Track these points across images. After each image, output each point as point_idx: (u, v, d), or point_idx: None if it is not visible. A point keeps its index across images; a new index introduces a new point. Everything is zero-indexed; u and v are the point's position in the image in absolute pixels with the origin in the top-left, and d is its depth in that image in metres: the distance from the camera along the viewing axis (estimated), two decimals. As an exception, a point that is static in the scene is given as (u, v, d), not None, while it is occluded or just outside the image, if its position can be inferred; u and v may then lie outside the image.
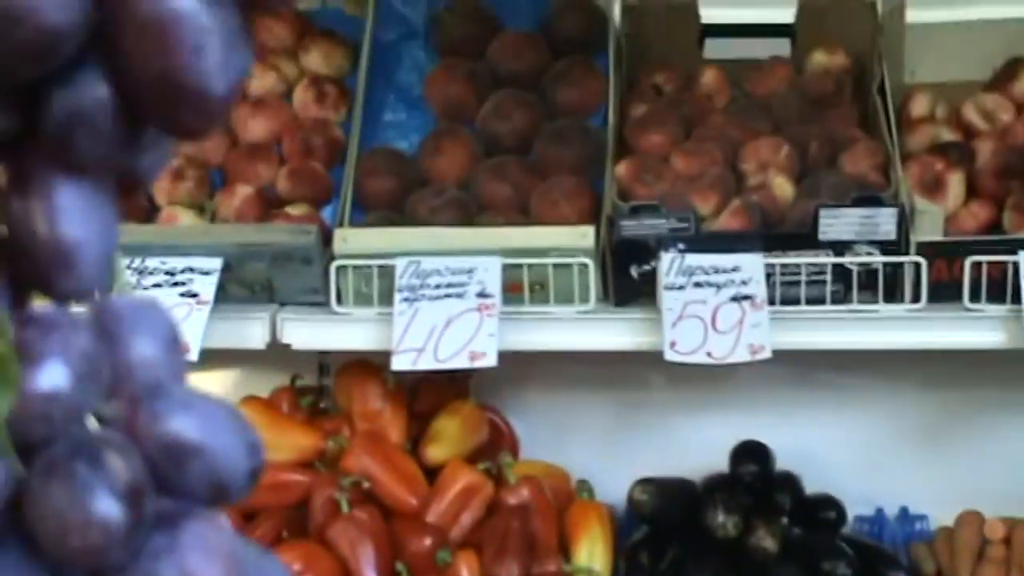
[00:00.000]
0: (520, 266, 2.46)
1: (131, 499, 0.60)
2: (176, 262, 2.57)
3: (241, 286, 2.63)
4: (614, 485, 2.87)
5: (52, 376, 0.57)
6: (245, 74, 0.62)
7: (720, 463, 2.88)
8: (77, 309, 0.61)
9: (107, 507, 0.59)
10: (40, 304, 0.60)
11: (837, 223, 2.51)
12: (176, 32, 0.60)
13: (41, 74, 0.59)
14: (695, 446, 2.93)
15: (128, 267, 2.57)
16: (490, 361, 2.36)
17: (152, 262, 2.57)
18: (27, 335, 0.56)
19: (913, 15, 2.90)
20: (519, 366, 2.56)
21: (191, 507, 0.64)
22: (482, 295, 2.43)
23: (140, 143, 0.62)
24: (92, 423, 0.62)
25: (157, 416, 0.63)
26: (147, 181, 0.64)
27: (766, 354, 2.42)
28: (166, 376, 0.65)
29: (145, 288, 2.56)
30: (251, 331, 2.58)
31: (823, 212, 2.50)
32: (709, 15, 2.92)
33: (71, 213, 0.60)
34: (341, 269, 2.53)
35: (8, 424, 0.56)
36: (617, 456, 2.92)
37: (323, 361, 3.03)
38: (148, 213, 2.72)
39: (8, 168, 0.61)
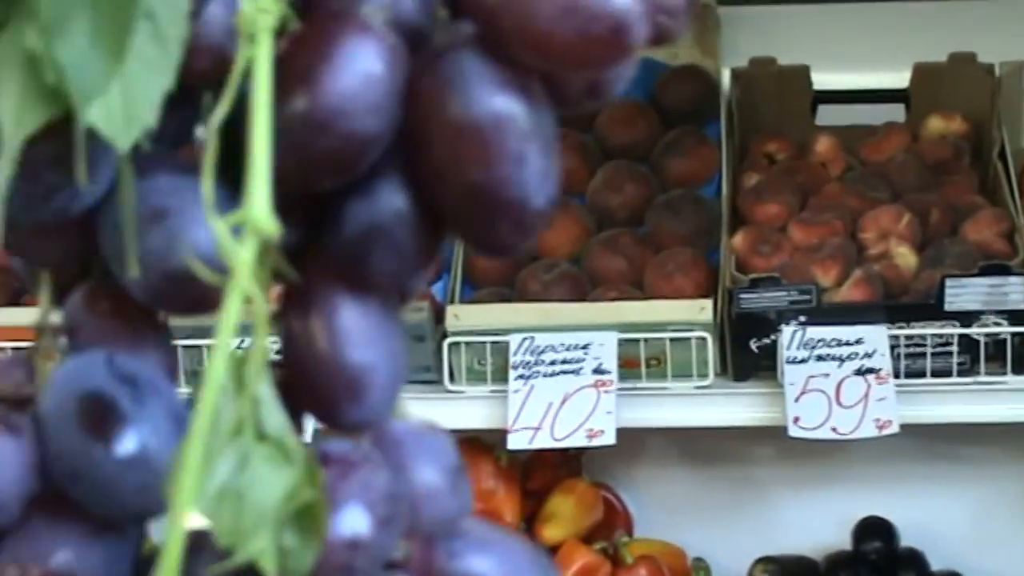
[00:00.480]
0: (636, 341, 2.44)
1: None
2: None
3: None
4: (732, 564, 2.85)
5: (354, 522, 0.54)
6: (559, 183, 0.59)
7: (842, 541, 2.86)
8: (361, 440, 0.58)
9: None
10: (329, 437, 0.57)
11: (964, 293, 2.49)
12: (499, 139, 0.57)
13: (339, 185, 0.57)
14: (815, 523, 2.90)
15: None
16: (608, 439, 2.35)
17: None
18: (326, 476, 0.53)
19: None
20: (631, 442, 2.55)
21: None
22: (598, 371, 2.41)
23: (432, 258, 0.60)
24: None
25: (454, 557, 0.61)
26: (412, 295, 0.62)
27: (893, 429, 2.40)
28: (455, 509, 0.63)
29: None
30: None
31: (949, 282, 2.47)
32: (821, 80, 2.91)
33: (359, 334, 0.57)
34: (453, 346, 2.51)
35: None
36: (734, 534, 2.89)
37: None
38: None
39: (285, 282, 0.58)
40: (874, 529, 2.83)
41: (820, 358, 2.43)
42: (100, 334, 0.61)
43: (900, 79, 2.90)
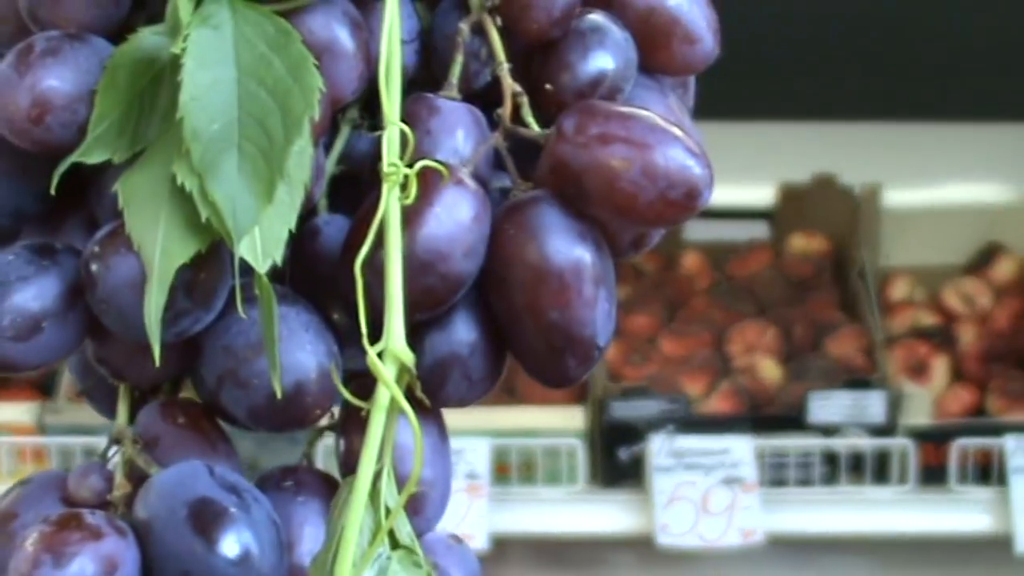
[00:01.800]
0: (509, 447, 2.48)
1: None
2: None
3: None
4: None
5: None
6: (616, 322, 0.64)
7: None
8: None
9: None
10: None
11: (827, 405, 2.55)
12: (576, 284, 0.62)
13: (426, 318, 0.62)
14: None
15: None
16: (480, 544, 2.38)
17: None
18: None
19: (889, 198, 2.95)
20: (500, 548, 2.57)
21: None
22: (471, 476, 2.43)
23: (495, 383, 0.65)
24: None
25: None
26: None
27: (758, 537, 2.44)
28: None
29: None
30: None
31: (813, 395, 2.55)
32: None
33: (426, 453, 0.62)
34: None
35: None
36: None
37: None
38: None
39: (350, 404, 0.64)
40: None
41: (688, 467, 2.46)
42: (180, 444, 0.65)
43: (765, 197, 2.98)
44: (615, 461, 2.50)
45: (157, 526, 0.61)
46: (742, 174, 2.92)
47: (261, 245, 0.59)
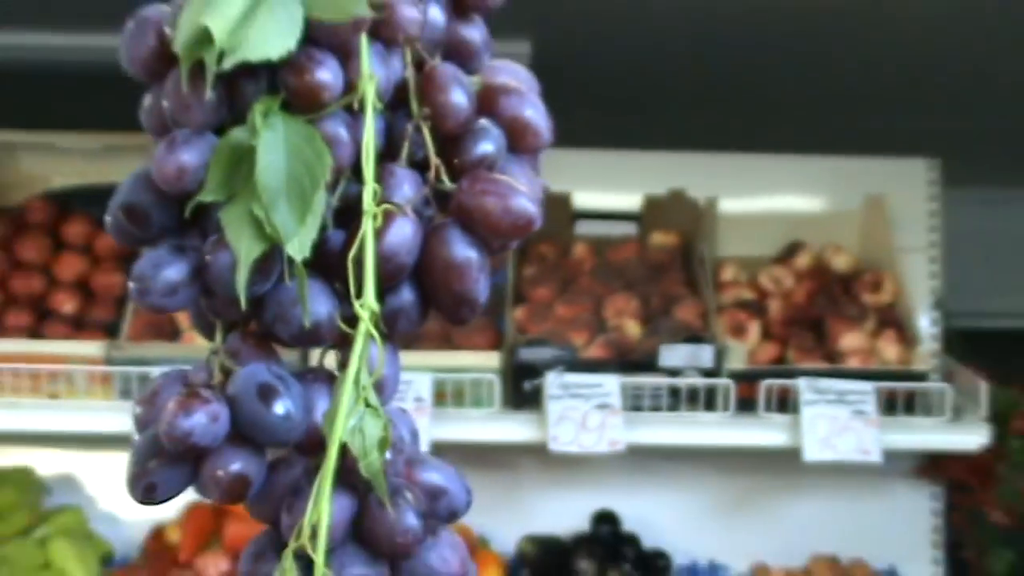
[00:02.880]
0: (446, 380, 2.51)
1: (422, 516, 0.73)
2: (188, 366, 2.57)
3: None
4: (505, 540, 2.90)
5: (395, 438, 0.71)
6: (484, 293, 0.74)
7: (583, 526, 2.93)
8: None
9: (414, 519, 0.72)
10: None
11: (673, 354, 2.61)
12: (468, 270, 0.73)
13: (386, 287, 0.72)
14: (565, 513, 2.94)
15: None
16: (423, 449, 2.42)
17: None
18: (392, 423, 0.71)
19: (722, 207, 2.97)
20: (438, 453, 2.58)
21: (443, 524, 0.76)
22: (418, 399, 2.45)
23: (423, 324, 0.76)
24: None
25: (421, 471, 0.77)
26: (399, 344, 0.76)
27: (621, 447, 2.49)
28: (418, 452, 0.78)
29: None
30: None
31: (663, 347, 2.60)
32: (579, 202, 2.98)
33: (385, 360, 0.72)
34: None
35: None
36: (508, 519, 2.92)
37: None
38: (171, 335, 2.74)
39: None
40: (605, 518, 2.94)
41: (572, 396, 2.52)
42: (252, 354, 0.75)
43: (634, 204, 3.01)
44: (521, 391, 2.55)
45: (238, 398, 0.72)
46: (618, 188, 3.04)
47: (298, 247, 0.70)
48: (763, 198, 3.15)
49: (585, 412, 2.53)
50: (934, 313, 3.03)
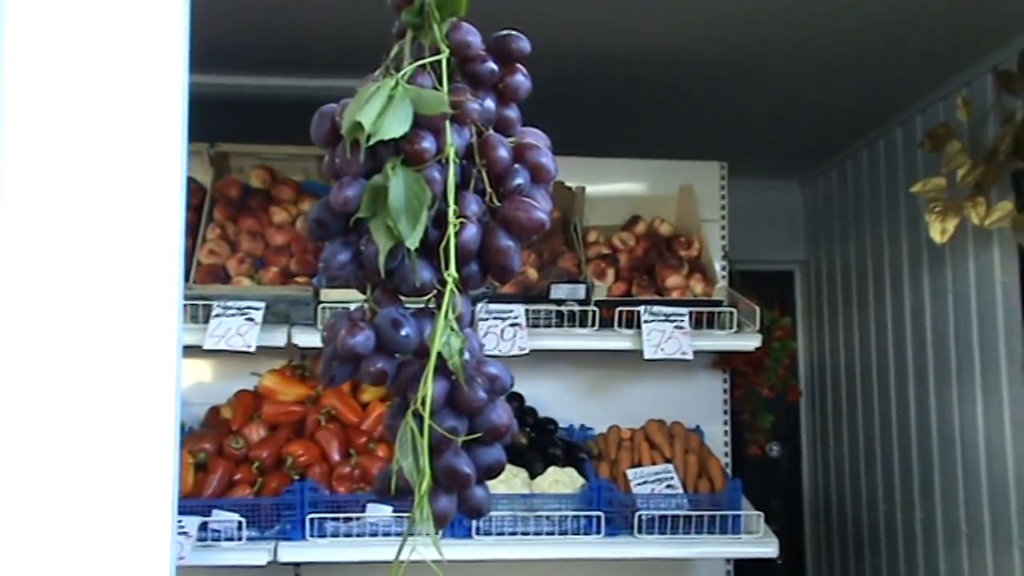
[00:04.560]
0: None
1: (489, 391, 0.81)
2: (241, 304, 2.54)
3: (274, 316, 2.59)
4: None
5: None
6: (521, 265, 0.81)
7: None
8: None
9: (482, 393, 0.80)
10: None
11: (559, 290, 2.66)
12: (509, 253, 0.80)
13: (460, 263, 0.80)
14: None
15: (220, 306, 2.52)
16: None
17: (230, 304, 2.55)
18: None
19: (589, 192, 2.99)
20: None
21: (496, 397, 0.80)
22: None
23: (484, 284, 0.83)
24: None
25: (485, 366, 0.81)
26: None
27: (526, 352, 2.54)
28: (483, 354, 0.82)
29: (229, 316, 2.49)
30: (277, 338, 2.53)
31: (552, 286, 2.66)
32: None
33: (462, 305, 0.80)
34: (321, 309, 2.56)
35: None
36: None
37: (306, 352, 2.87)
38: (224, 279, 2.67)
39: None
40: (515, 397, 2.94)
41: (495, 318, 2.57)
42: (388, 302, 0.80)
43: None
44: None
45: (380, 326, 0.79)
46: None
47: (412, 241, 0.77)
48: (614, 186, 3.14)
49: (502, 328, 2.57)
50: (723, 262, 3.08)
